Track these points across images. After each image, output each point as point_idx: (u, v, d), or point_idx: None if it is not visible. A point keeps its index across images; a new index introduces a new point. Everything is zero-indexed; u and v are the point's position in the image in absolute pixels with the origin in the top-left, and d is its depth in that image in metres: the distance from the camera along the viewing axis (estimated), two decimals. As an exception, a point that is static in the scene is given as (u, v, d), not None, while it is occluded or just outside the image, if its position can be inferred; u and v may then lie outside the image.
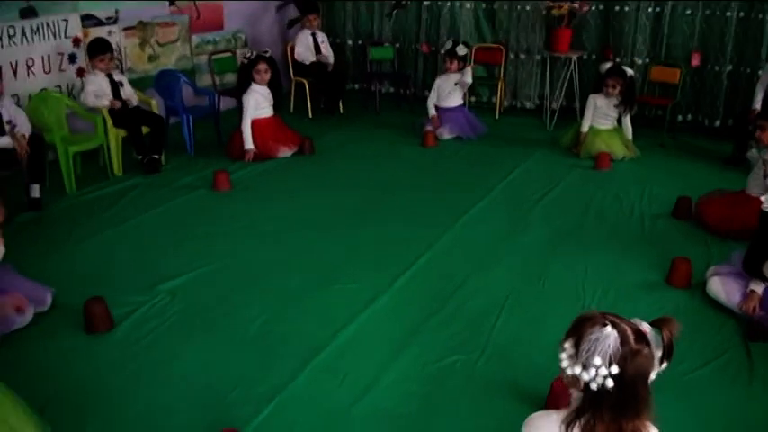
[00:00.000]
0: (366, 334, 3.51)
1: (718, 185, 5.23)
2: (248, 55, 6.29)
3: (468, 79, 7.00)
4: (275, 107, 6.51)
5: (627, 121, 6.40)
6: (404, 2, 8.29)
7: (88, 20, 6.27)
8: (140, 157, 5.88)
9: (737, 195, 4.75)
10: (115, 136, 5.77)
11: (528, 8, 7.82)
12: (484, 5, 8.13)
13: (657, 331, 1.77)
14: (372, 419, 2.87)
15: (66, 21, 6.07)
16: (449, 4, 8.13)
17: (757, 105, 6.00)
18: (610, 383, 1.70)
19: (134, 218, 5.00)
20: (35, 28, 5.83)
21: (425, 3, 8.25)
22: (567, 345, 1.78)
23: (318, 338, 3.43)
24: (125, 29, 6.63)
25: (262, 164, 6.14)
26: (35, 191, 5.12)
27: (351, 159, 6.38)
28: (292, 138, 6.47)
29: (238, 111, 6.61)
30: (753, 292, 3.54)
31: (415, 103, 8.16)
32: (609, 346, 1.70)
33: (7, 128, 5.01)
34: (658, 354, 1.77)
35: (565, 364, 1.77)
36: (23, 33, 5.74)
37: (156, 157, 5.92)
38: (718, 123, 7.28)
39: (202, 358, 3.30)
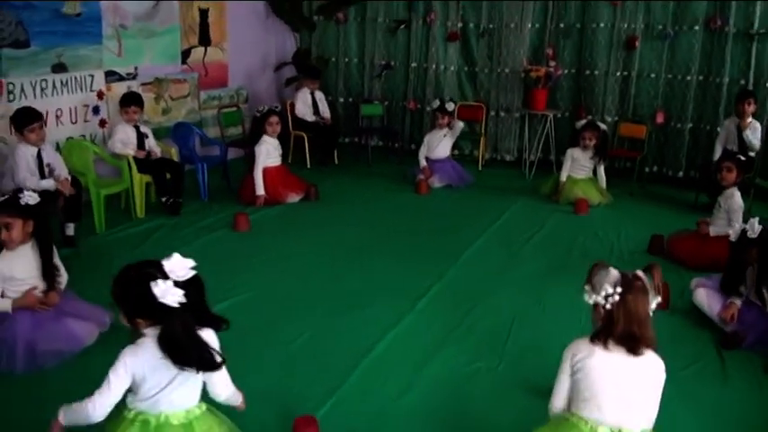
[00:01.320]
0: (398, 347, 4.05)
1: (684, 226, 5.92)
2: (261, 109, 6.88)
3: (460, 124, 7.80)
4: (283, 156, 7.10)
5: (601, 171, 7.13)
6: (392, 63, 9.04)
7: (111, 75, 6.82)
8: (164, 199, 6.37)
9: (705, 234, 5.44)
10: (139, 180, 6.27)
11: (507, 71, 8.61)
12: (466, 68, 8.91)
13: (649, 275, 2.56)
14: (416, 410, 3.41)
15: (93, 76, 6.62)
16: (434, 66, 8.89)
17: (717, 157, 6.78)
18: (617, 298, 2.48)
19: (165, 254, 5.45)
20: (64, 81, 6.35)
21: (413, 65, 9.00)
22: (587, 287, 2.57)
23: (358, 351, 3.95)
24: (143, 84, 7.19)
25: (272, 208, 6.67)
26: (70, 229, 5.57)
27: (353, 205, 6.97)
28: (299, 184, 7.04)
29: (245, 160, 7.21)
30: (732, 303, 4.19)
31: (403, 155, 8.84)
32: (613, 277, 2.52)
33: (46, 170, 5.49)
34: (652, 291, 2.55)
35: (587, 297, 2.56)
36: (54, 86, 6.26)
37: (179, 200, 6.43)
38: (681, 174, 8.08)
39: (258, 370, 3.74)
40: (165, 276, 2.39)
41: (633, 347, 2.53)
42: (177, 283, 2.39)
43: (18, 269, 3.75)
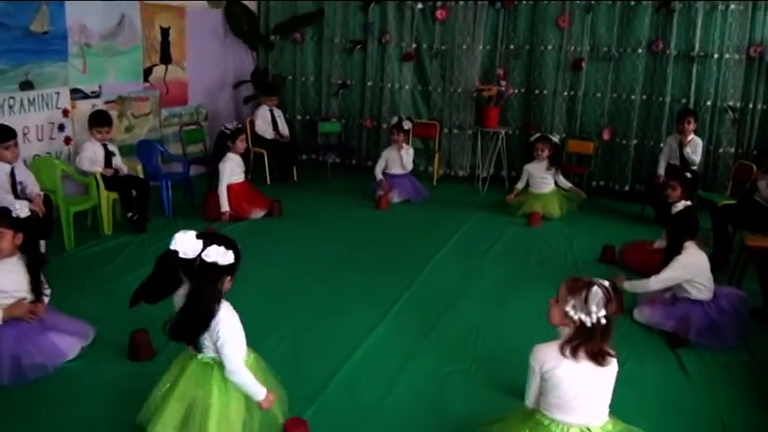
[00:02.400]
0: (374, 354, 4.27)
1: (631, 237, 6.32)
2: (230, 126, 7.03)
3: (411, 151, 8.10)
4: (246, 173, 7.26)
5: (560, 177, 7.50)
6: (348, 82, 9.30)
7: (76, 93, 6.90)
8: (129, 214, 6.47)
9: (652, 245, 5.82)
10: (106, 198, 6.35)
11: (459, 90, 8.95)
12: (420, 87, 9.23)
13: (612, 287, 2.83)
14: (397, 411, 3.64)
15: (58, 93, 6.69)
16: (389, 85, 9.17)
17: (661, 171, 7.23)
18: (603, 321, 2.71)
19: (137, 270, 5.52)
20: (31, 99, 6.40)
21: (369, 84, 9.27)
22: (571, 300, 2.74)
23: (336, 359, 4.16)
24: (107, 102, 7.27)
25: (237, 224, 6.81)
26: (42, 246, 5.62)
27: (316, 220, 7.16)
28: (263, 201, 7.20)
29: (208, 176, 7.34)
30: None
31: (361, 171, 9.10)
32: (599, 297, 2.71)
33: (19, 188, 5.55)
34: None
35: (571, 312, 2.74)
36: (21, 104, 6.30)
37: (146, 216, 6.53)
38: (627, 188, 8.55)
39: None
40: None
41: (602, 361, 2.79)
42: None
43: (5, 281, 3.82)
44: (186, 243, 2.83)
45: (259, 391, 3.07)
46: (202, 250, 2.83)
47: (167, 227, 6.68)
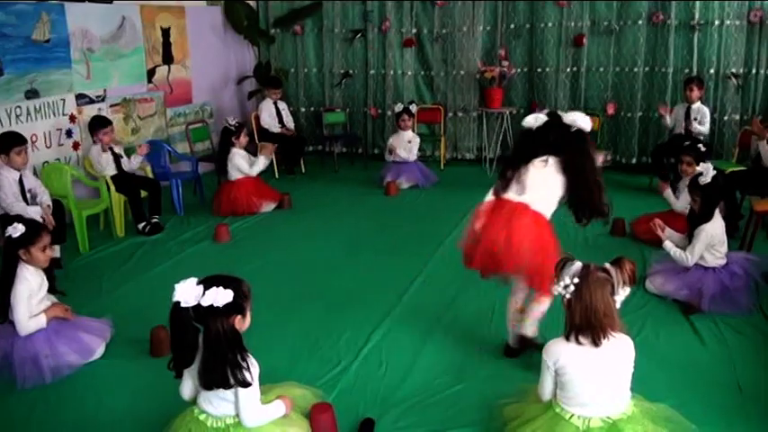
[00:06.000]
0: (392, 336, 4.32)
1: (641, 209, 6.31)
2: (232, 123, 7.08)
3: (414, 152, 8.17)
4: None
5: None
6: (351, 72, 9.33)
7: (81, 99, 6.96)
8: (140, 225, 6.47)
9: (665, 214, 5.81)
10: (117, 200, 6.41)
11: (462, 73, 8.96)
12: (423, 72, 9.24)
13: (617, 268, 2.78)
14: (418, 390, 3.69)
15: (64, 100, 6.75)
16: (392, 72, 9.19)
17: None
18: (571, 289, 2.73)
19: (153, 268, 5.63)
20: (38, 107, 6.46)
21: (371, 72, 9.29)
22: (555, 279, 2.80)
23: (355, 342, 4.23)
24: (112, 105, 7.33)
25: (248, 219, 6.87)
26: (56, 251, 5.63)
27: (326, 210, 7.20)
28: (272, 194, 7.25)
29: (216, 173, 7.42)
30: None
31: (367, 160, 9.13)
32: (573, 269, 2.77)
33: (28, 195, 5.60)
34: (620, 283, 2.76)
35: (553, 289, 2.83)
36: (28, 112, 6.36)
37: (156, 219, 6.56)
38: (634, 161, 8.55)
39: (265, 365, 3.98)
40: None
41: (594, 339, 2.76)
42: None
43: (37, 286, 3.99)
44: (186, 291, 2.71)
45: (280, 411, 3.01)
46: (202, 295, 2.72)
47: (180, 225, 6.76)
